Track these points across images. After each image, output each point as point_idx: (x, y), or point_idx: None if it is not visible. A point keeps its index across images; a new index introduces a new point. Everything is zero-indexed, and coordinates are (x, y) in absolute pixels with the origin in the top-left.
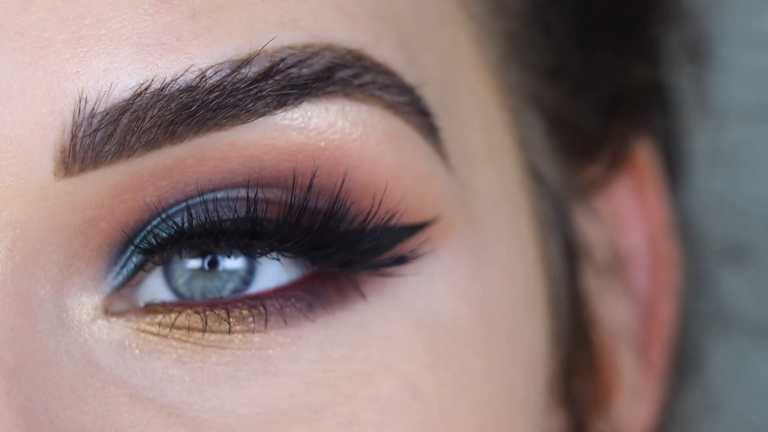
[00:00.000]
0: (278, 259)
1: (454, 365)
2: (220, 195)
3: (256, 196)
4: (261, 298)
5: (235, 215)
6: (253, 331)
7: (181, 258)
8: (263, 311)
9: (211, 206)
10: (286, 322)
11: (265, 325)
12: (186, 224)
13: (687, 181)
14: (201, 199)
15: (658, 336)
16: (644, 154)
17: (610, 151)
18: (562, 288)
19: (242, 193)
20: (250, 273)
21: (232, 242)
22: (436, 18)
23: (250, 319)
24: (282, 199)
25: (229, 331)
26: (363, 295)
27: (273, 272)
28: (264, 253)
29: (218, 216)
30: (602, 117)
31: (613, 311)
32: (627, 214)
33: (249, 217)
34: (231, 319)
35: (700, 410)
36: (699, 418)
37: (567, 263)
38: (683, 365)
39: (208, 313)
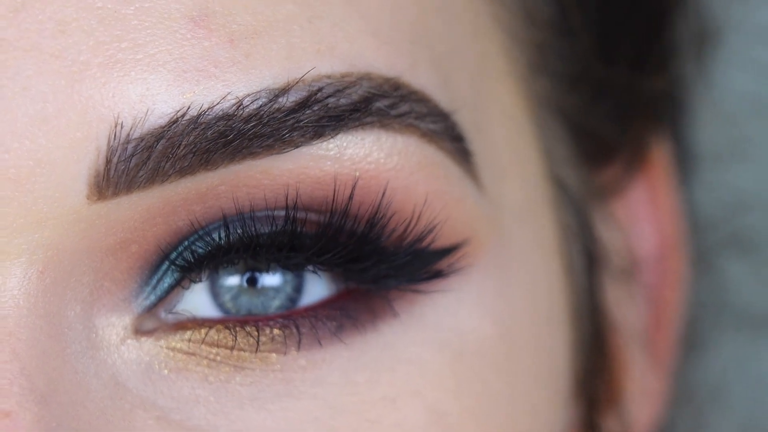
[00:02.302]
0: (315, 272)
1: (478, 388)
2: (258, 214)
3: (294, 212)
4: (294, 317)
5: (273, 228)
6: (280, 351)
7: (218, 273)
8: (296, 331)
9: (249, 222)
10: (321, 344)
11: (298, 346)
12: (223, 240)
13: (694, 173)
14: (240, 216)
15: (665, 330)
16: (658, 152)
17: (627, 153)
18: (583, 297)
19: (280, 212)
20: (297, 291)
21: (269, 255)
22: (468, 33)
23: (281, 338)
24: (320, 220)
25: (257, 350)
26: (395, 314)
27: (319, 289)
28: (301, 266)
29: (256, 230)
30: (620, 121)
31: (628, 314)
32: (641, 214)
33: (287, 230)
34: (261, 338)
35: (703, 401)
36: (702, 409)
37: (588, 272)
38: (687, 356)
39: (238, 329)
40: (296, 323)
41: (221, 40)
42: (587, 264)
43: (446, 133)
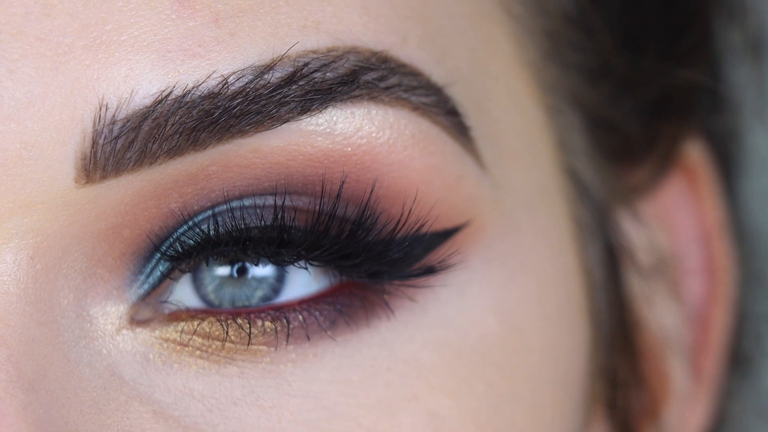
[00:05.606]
0: (306, 268)
1: (480, 389)
2: (247, 202)
3: (283, 203)
4: (285, 309)
5: (263, 222)
6: (270, 344)
7: (208, 266)
8: (286, 324)
9: (237, 213)
10: (309, 338)
11: (287, 339)
12: (212, 232)
13: (744, 181)
14: (228, 206)
15: (711, 342)
16: (696, 155)
17: (657, 153)
18: (603, 294)
19: (270, 201)
20: (279, 281)
21: (259, 250)
22: (470, 15)
23: (272, 331)
24: (310, 208)
25: (248, 344)
26: (391, 311)
27: (302, 281)
28: (292, 262)
29: (245, 224)
30: (648, 119)
31: (662, 316)
32: (679, 216)
33: (276, 225)
34: (253, 330)
35: (751, 415)
36: (750, 424)
37: (608, 268)
38: (737, 369)
39: (230, 322)
40: (287, 316)
41: (206, 20)
42: (607, 260)
43: (440, 107)
